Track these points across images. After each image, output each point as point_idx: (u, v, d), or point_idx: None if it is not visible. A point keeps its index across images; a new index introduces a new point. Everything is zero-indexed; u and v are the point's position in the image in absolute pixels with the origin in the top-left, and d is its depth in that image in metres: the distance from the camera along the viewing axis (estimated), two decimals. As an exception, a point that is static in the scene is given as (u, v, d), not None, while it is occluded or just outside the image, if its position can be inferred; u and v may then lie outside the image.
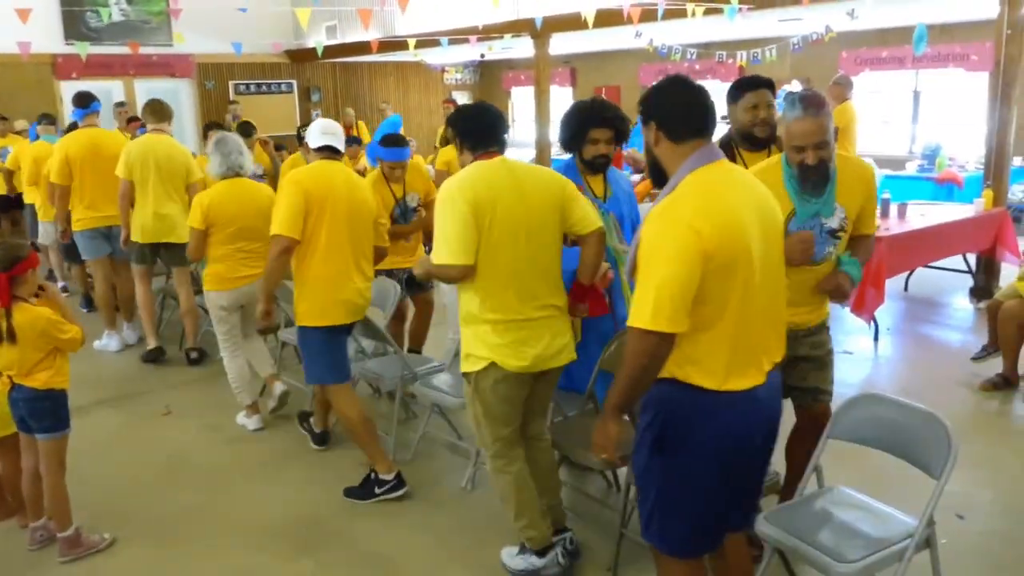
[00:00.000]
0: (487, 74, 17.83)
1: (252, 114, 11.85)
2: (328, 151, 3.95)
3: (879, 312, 6.08)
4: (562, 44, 11.31)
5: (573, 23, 9.16)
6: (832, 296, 3.08)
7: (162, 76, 13.91)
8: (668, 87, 2.35)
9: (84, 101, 6.27)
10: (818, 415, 3.07)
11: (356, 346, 4.57)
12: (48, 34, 12.10)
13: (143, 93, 13.40)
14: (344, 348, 3.99)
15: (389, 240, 4.41)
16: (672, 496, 2.36)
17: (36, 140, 7.99)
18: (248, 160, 4.83)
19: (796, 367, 3.01)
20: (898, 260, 6.16)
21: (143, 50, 12.12)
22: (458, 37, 10.76)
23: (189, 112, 14.14)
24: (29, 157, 7.53)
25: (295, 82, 15.49)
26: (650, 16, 8.34)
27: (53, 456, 3.41)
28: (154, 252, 5.93)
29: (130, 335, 6.48)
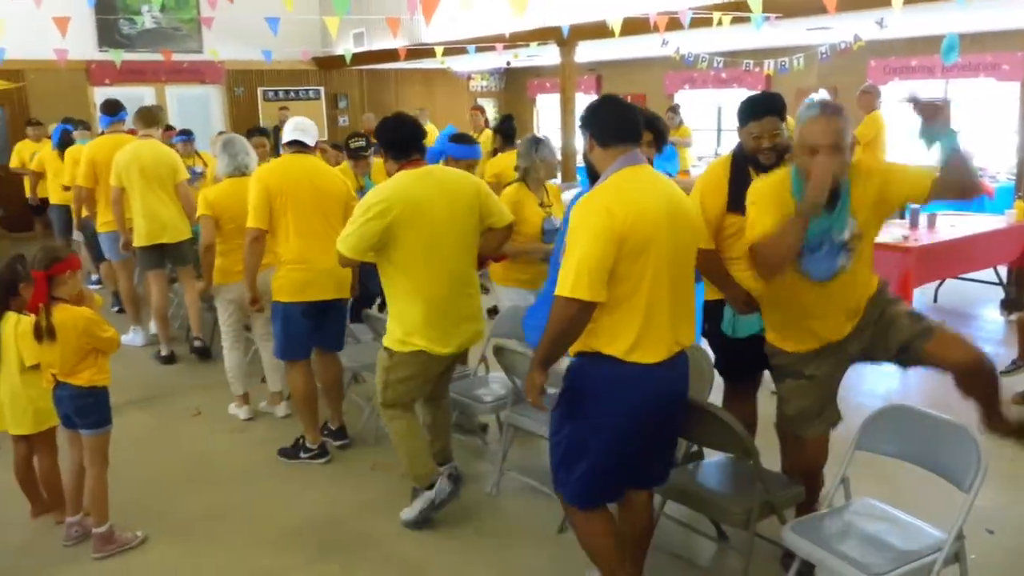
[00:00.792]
0: (512, 81, 17.90)
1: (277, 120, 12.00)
2: (296, 145, 4.31)
3: (907, 323, 6.04)
4: (588, 52, 11.34)
5: (600, 31, 9.18)
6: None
7: (193, 83, 14.12)
8: (601, 105, 2.81)
9: (112, 109, 6.50)
10: (949, 341, 2.91)
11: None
12: (83, 41, 12.32)
13: (174, 99, 13.62)
14: (309, 330, 4.29)
15: None
16: (576, 452, 2.72)
17: (68, 142, 8.10)
18: (254, 160, 5.03)
19: (883, 340, 3.00)
20: (927, 271, 6.11)
21: (174, 57, 12.31)
22: (485, 45, 10.82)
23: (218, 118, 14.32)
24: (70, 160, 7.68)
25: (322, 89, 15.63)
26: (676, 24, 8.34)
27: (97, 451, 3.50)
28: (157, 254, 6.11)
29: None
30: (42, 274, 3.30)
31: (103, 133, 6.81)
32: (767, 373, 3.36)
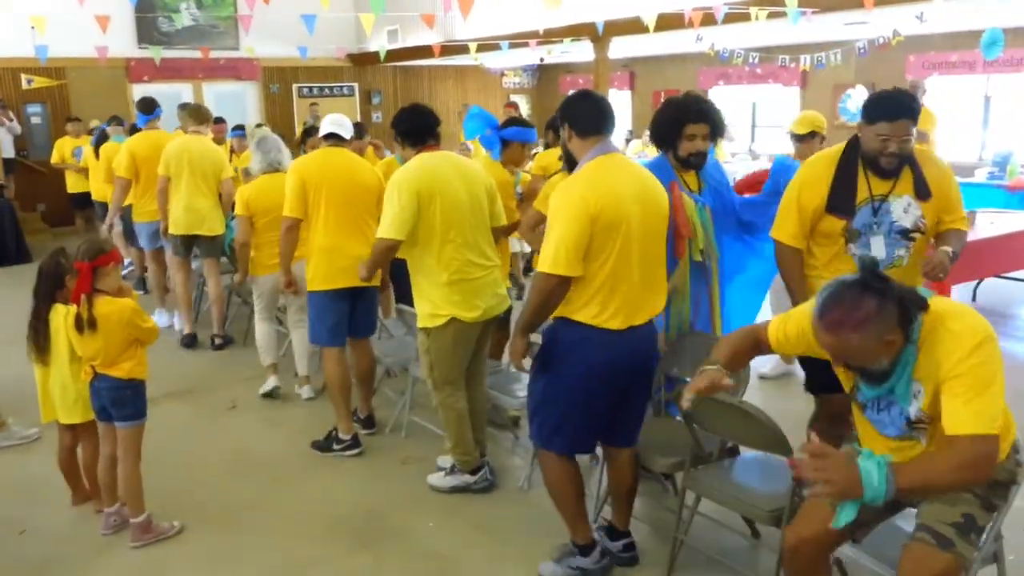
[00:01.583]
0: (545, 77, 17.87)
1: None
2: (333, 138, 4.51)
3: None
4: (621, 48, 11.30)
5: (634, 27, 9.14)
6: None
7: (229, 79, 14.28)
8: (578, 98, 3.05)
9: (148, 107, 6.83)
10: None
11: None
12: (122, 39, 12.52)
13: (211, 96, 13.79)
14: (344, 316, 4.41)
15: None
16: (548, 401, 3.06)
17: (104, 141, 8.31)
18: (286, 157, 5.26)
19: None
20: (966, 269, 5.99)
21: (211, 54, 12.47)
22: (518, 41, 10.82)
23: (254, 114, 14.46)
24: (106, 157, 7.91)
25: (356, 85, 15.74)
26: (711, 20, 8.28)
27: (131, 444, 3.55)
28: (189, 244, 6.34)
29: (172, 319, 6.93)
30: (87, 265, 3.36)
31: (139, 130, 7.08)
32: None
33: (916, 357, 2.23)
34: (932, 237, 3.13)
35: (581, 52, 12.02)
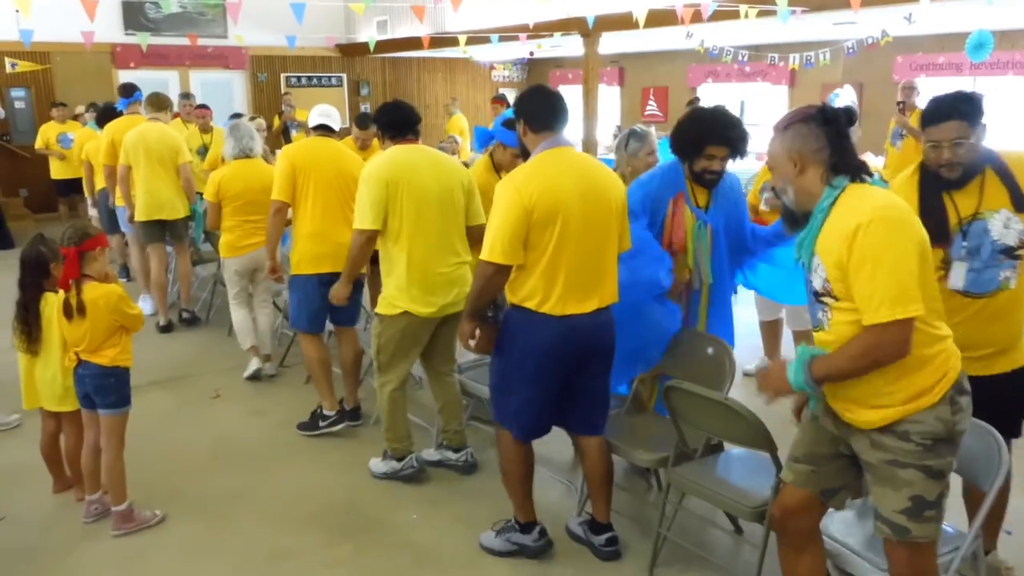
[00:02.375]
0: (534, 72, 17.85)
1: (302, 107, 12.03)
2: (322, 129, 4.67)
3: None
4: (610, 43, 11.29)
5: (624, 23, 9.14)
6: None
7: (216, 68, 14.18)
8: (532, 94, 3.18)
9: (128, 92, 7.23)
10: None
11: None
12: (109, 24, 12.40)
13: (198, 84, 13.69)
14: (325, 303, 4.42)
15: None
16: (502, 383, 3.24)
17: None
18: (258, 143, 5.51)
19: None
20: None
21: (199, 42, 12.37)
22: (508, 34, 10.80)
23: (241, 103, 14.37)
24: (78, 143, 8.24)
25: (345, 76, 15.67)
26: (701, 17, 8.28)
27: (114, 432, 3.52)
28: (158, 229, 6.53)
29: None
30: (74, 251, 3.33)
31: (119, 113, 7.31)
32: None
33: (822, 223, 2.23)
34: None
35: (571, 47, 12.02)
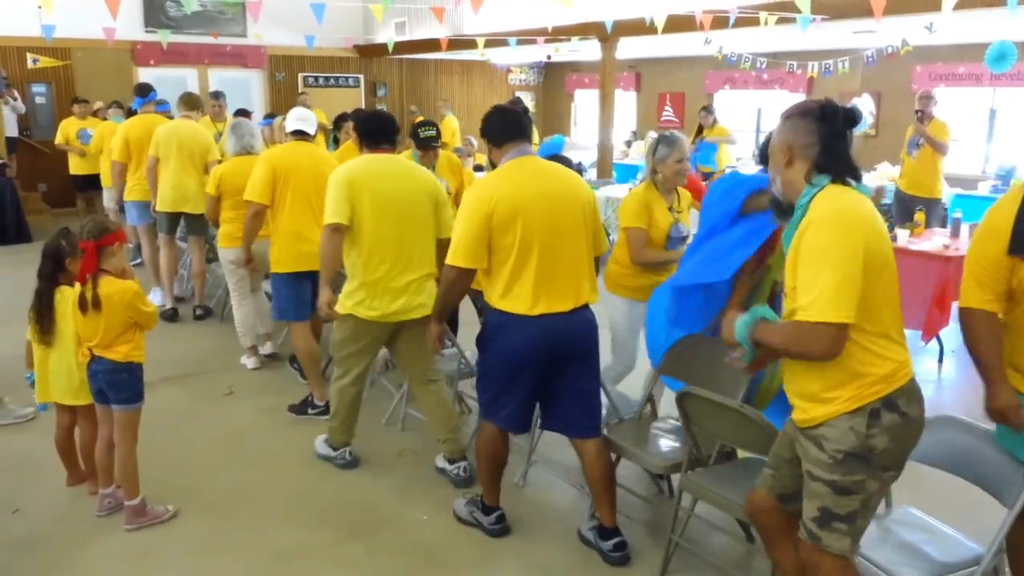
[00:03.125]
0: (551, 75, 17.86)
1: (319, 106, 12.07)
2: (298, 134, 4.87)
3: (944, 334, 5.95)
4: (628, 48, 11.27)
5: (643, 28, 9.12)
6: None
7: (235, 66, 14.25)
8: (490, 116, 3.38)
9: (143, 91, 7.50)
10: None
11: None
12: (129, 22, 12.48)
13: (216, 82, 13.74)
14: (307, 293, 4.72)
15: None
16: (484, 379, 3.42)
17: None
18: (259, 141, 5.75)
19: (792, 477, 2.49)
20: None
21: (218, 40, 12.45)
22: (526, 38, 10.80)
23: (259, 102, 14.43)
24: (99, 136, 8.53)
25: (362, 77, 15.71)
26: (721, 23, 8.26)
27: (127, 427, 3.53)
28: (175, 221, 6.74)
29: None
30: (92, 245, 3.34)
31: (135, 113, 7.54)
32: None
33: (799, 219, 2.25)
34: None
35: (588, 51, 12.00)
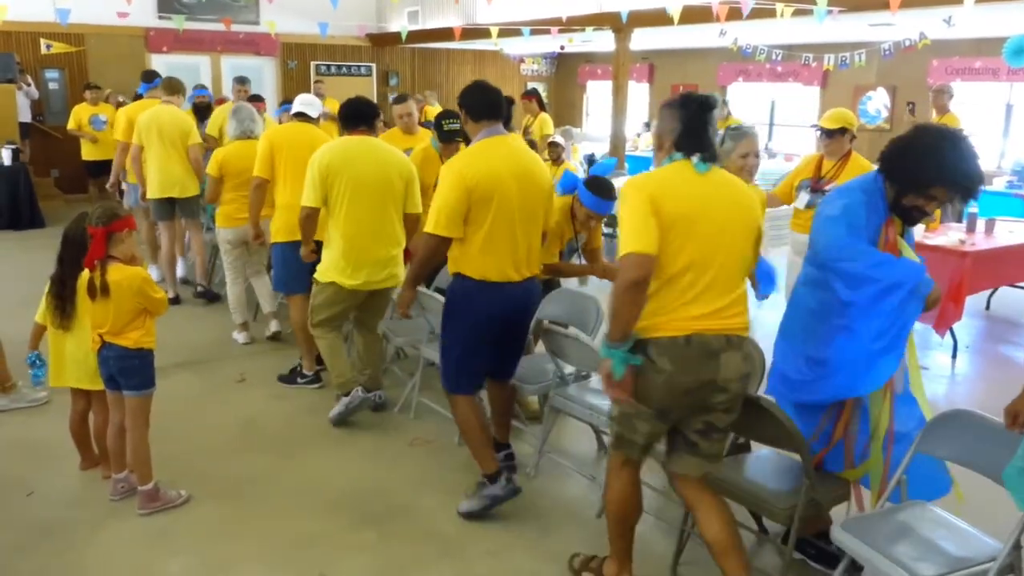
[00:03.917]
0: (563, 66, 17.79)
1: (331, 95, 12.04)
2: (300, 116, 5.14)
3: (958, 329, 5.92)
4: (641, 39, 11.21)
5: (658, 18, 9.07)
6: None
7: (247, 54, 14.23)
8: (474, 89, 3.58)
9: (149, 77, 7.81)
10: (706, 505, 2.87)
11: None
12: (143, 8, 12.49)
13: (228, 69, 13.74)
14: (303, 266, 4.78)
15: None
16: (449, 346, 3.65)
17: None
18: (258, 126, 5.93)
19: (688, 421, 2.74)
20: (981, 277, 5.96)
21: (231, 27, 12.42)
22: (540, 28, 10.75)
23: (271, 90, 14.42)
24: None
25: (374, 65, 15.68)
26: (737, 15, 8.20)
27: (139, 413, 3.54)
28: (169, 207, 6.88)
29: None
30: (102, 231, 3.34)
31: (141, 97, 7.83)
32: None
33: None
34: None
35: (601, 42, 11.94)
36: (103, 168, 9.63)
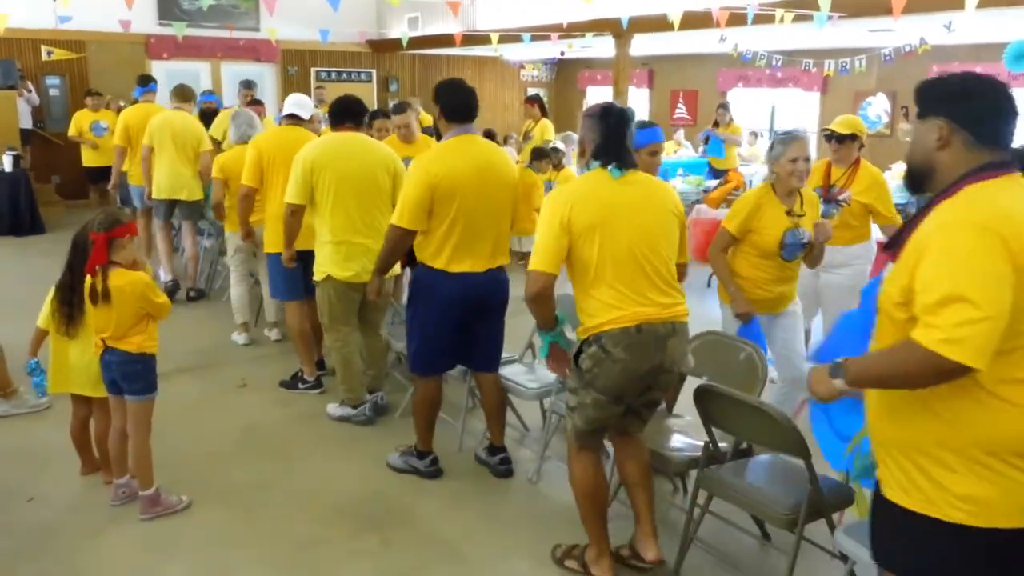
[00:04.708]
0: (563, 72, 17.82)
1: (331, 100, 12.05)
2: (291, 118, 5.14)
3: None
4: (641, 45, 11.23)
5: (658, 24, 9.09)
6: None
7: (248, 60, 14.25)
8: (450, 88, 3.72)
9: (144, 81, 8.01)
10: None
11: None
12: (143, 15, 12.50)
13: (229, 76, 13.77)
14: (298, 274, 4.83)
15: None
16: (414, 333, 3.83)
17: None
18: (257, 131, 5.89)
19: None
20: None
21: (232, 34, 12.46)
22: (540, 33, 10.77)
23: (271, 96, 14.43)
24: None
25: (374, 72, 15.71)
26: (738, 20, 8.22)
27: (141, 417, 3.53)
28: (170, 208, 7.10)
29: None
30: (103, 237, 3.34)
31: (136, 102, 8.00)
32: None
33: None
34: None
35: (601, 48, 11.96)
36: (104, 174, 9.62)
